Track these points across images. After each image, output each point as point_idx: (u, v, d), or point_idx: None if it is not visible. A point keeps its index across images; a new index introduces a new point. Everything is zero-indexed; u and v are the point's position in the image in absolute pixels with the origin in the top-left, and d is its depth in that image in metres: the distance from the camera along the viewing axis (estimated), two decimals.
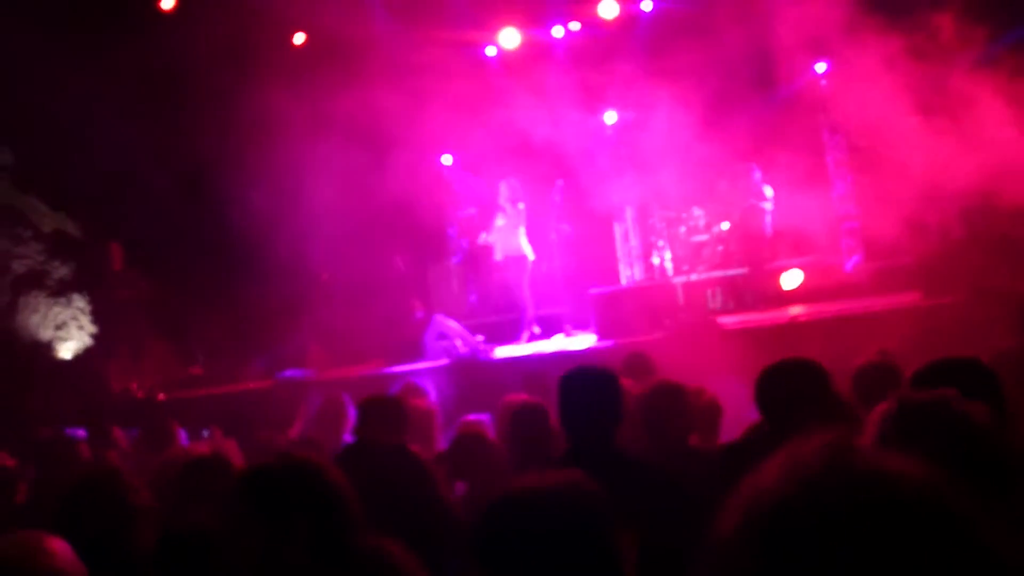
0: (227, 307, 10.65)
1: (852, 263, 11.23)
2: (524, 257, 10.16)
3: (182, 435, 5.66)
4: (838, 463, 0.93)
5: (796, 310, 9.37)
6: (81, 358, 12.31)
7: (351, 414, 6.12)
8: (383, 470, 3.72)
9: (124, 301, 11.00)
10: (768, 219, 10.49)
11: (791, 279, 10.52)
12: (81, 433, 5.10)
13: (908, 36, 9.04)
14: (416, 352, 9.32)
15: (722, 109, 9.56)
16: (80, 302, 12.90)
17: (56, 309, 12.78)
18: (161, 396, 9.60)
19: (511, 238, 10.15)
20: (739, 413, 4.51)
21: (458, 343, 9.21)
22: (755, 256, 10.52)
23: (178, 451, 4.72)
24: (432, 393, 6.51)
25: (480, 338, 9.56)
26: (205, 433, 6.42)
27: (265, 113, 9.80)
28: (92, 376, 10.33)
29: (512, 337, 10.40)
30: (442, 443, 4.81)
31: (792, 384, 3.32)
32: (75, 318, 12.85)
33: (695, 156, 10.12)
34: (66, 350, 12.60)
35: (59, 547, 2.02)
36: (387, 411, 4.07)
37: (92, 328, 12.59)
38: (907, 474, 0.92)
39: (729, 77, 9.35)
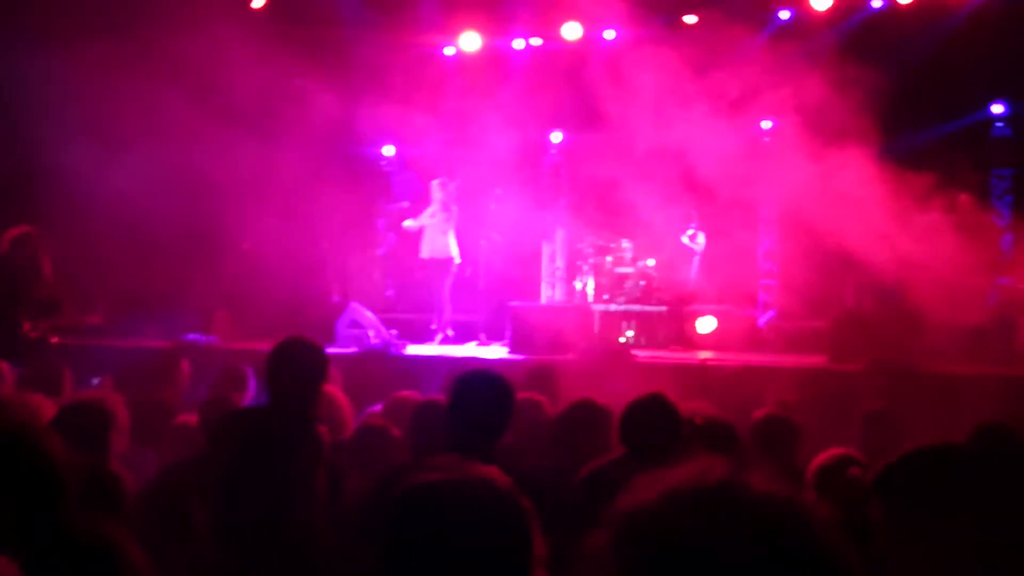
0: (136, 259, 10.29)
1: (765, 319, 11.51)
2: (450, 259, 10.12)
3: (69, 381, 5.45)
4: (711, 485, 0.99)
5: (705, 354, 9.54)
6: None
7: (251, 387, 6.00)
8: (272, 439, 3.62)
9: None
10: (695, 264, 10.68)
11: (705, 324, 10.71)
12: None
13: (849, 120, 9.41)
14: (326, 336, 9.15)
15: (667, 147, 9.69)
16: None
17: None
18: (54, 339, 9.22)
19: (439, 238, 10.10)
20: None
21: (371, 334, 9.10)
22: (676, 297, 10.68)
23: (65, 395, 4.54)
24: (339, 380, 6.40)
25: (394, 332, 9.47)
26: (94, 382, 6.19)
27: (212, 67, 9.54)
28: None
29: (425, 337, 10.33)
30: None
31: (652, 420, 3.59)
32: None
33: (634, 189, 10.24)
34: None
35: None
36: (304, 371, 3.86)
37: None
38: (770, 495, 0.99)
39: (679, 116, 9.50)
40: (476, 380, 3.37)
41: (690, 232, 10.79)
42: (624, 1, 10.93)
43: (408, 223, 10.34)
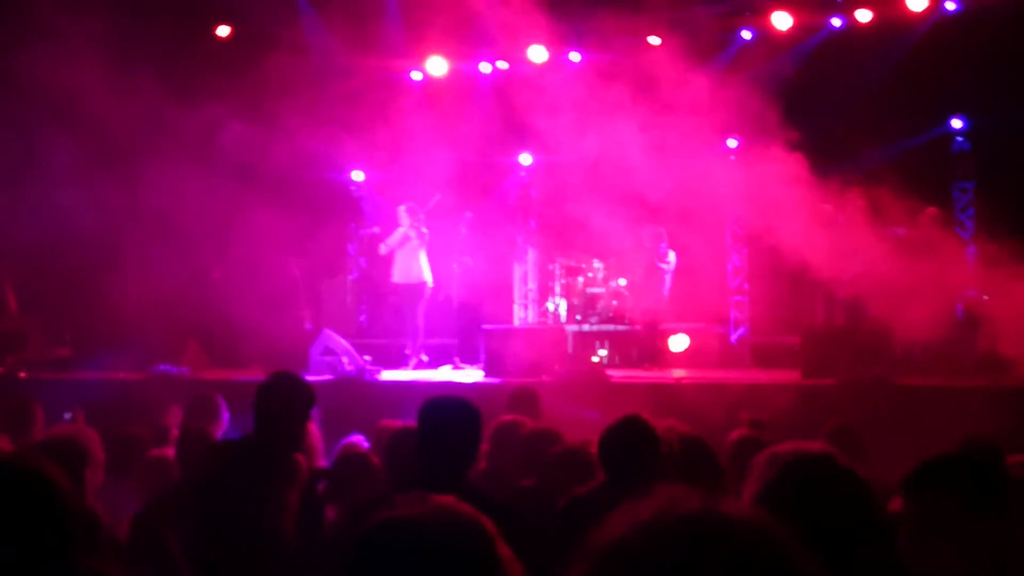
0: (105, 289, 10.18)
1: (737, 335, 11.59)
2: (423, 284, 10.11)
3: (41, 416, 5.37)
4: (685, 515, 1.00)
5: (679, 373, 9.58)
6: None
7: (224, 417, 5.94)
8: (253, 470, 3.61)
9: None
10: (667, 282, 10.75)
11: (678, 342, 10.76)
12: None
13: (813, 137, 9.54)
14: (300, 364, 9.09)
15: (634, 167, 9.76)
16: None
17: None
18: (23, 374, 9.09)
19: (412, 263, 10.09)
20: None
21: (344, 360, 9.05)
22: (648, 316, 10.73)
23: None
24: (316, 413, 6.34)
25: (367, 359, 9.43)
26: (67, 416, 6.10)
27: (172, 97, 9.52)
28: None
29: (399, 362, 10.29)
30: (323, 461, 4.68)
31: (629, 442, 3.52)
32: None
33: (603, 210, 10.30)
34: None
35: None
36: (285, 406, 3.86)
37: None
38: (742, 522, 0.99)
39: (645, 136, 9.59)
40: (441, 407, 3.35)
41: (661, 250, 10.85)
42: (589, 24, 11.05)
43: (384, 246, 10.31)
